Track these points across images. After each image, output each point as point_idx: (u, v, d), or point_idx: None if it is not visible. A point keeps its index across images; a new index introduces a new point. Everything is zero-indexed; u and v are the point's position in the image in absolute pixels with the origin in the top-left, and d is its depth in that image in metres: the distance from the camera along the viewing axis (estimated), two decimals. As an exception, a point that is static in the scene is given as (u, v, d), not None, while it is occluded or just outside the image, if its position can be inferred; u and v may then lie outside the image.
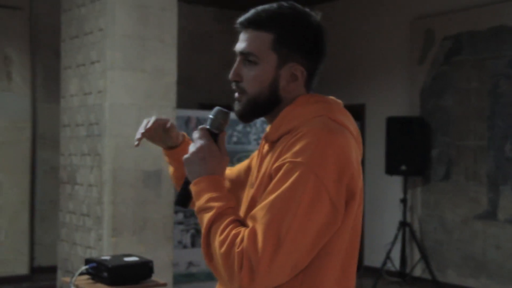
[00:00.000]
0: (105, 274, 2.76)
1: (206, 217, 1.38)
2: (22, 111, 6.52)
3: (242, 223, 1.37)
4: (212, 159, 1.45)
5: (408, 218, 6.65)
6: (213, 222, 1.36)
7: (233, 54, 1.50)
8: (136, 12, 4.71)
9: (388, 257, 6.48)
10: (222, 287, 1.47)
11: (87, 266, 2.84)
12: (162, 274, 4.63)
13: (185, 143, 1.74)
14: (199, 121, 5.78)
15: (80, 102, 4.99)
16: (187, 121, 5.67)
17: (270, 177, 1.38)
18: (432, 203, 6.55)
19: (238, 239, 1.30)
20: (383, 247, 6.70)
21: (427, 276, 6.42)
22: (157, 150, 4.77)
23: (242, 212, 1.50)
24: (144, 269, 2.91)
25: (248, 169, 1.67)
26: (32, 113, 6.63)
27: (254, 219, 1.32)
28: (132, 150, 4.69)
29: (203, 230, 1.38)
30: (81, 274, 2.84)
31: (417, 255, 6.60)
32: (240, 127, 5.99)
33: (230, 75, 1.49)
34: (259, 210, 1.32)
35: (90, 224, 4.80)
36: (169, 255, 4.83)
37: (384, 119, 6.73)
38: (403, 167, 6.42)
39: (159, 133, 1.69)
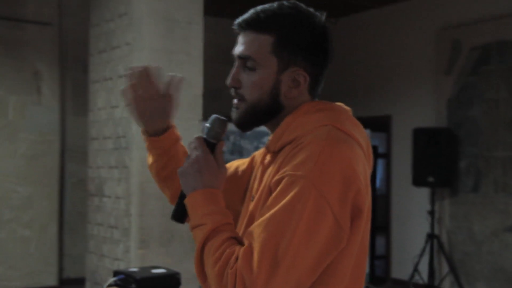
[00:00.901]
0: (133, 286, 2.78)
1: (200, 233, 1.28)
2: (51, 124, 6.62)
3: (238, 240, 1.27)
4: (208, 171, 1.34)
5: (436, 230, 6.57)
6: (207, 239, 1.27)
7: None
8: (163, 26, 4.76)
9: (416, 269, 6.41)
10: None
11: (115, 278, 2.86)
12: (189, 286, 4.64)
13: (172, 131, 1.57)
14: (225, 133, 5.80)
15: (108, 115, 5.05)
16: (213, 133, 5.71)
17: (270, 191, 1.28)
18: (460, 215, 6.47)
19: (233, 258, 1.21)
20: (411, 260, 6.62)
21: (456, 289, 6.34)
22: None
23: (240, 228, 1.41)
24: (172, 281, 2.92)
25: (248, 170, 1.56)
26: (60, 126, 6.73)
27: (250, 236, 1.22)
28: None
29: (196, 248, 1.29)
30: (109, 285, 2.86)
31: (445, 268, 6.51)
32: (265, 138, 6.00)
33: (228, 81, 1.39)
34: (256, 227, 1.22)
35: (118, 236, 4.84)
36: (196, 267, 4.85)
37: (410, 130, 6.68)
38: (431, 179, 6.35)
39: (155, 105, 1.50)
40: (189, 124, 4.79)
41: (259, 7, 1.36)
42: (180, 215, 1.41)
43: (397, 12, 7.30)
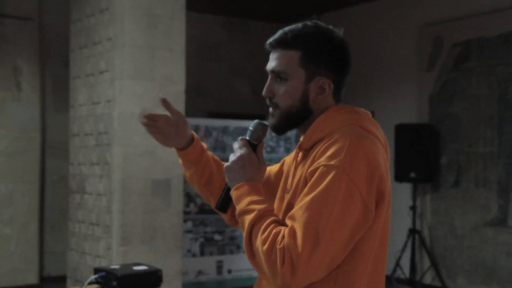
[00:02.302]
0: (114, 283, 2.76)
1: (248, 218, 1.49)
2: (31, 121, 6.56)
3: (281, 223, 1.47)
4: (251, 167, 1.58)
5: (418, 225, 6.62)
6: (254, 222, 1.47)
7: (242, 61, 1.55)
8: (145, 21, 4.73)
9: (397, 264, 6.45)
10: (261, 283, 1.58)
11: (96, 275, 2.84)
12: (171, 283, 4.63)
13: (197, 142, 1.80)
14: (208, 130, 5.78)
15: (89, 112, 5.02)
16: (195, 129, 5.68)
17: (306, 181, 1.48)
18: (442, 210, 6.52)
19: (279, 237, 1.41)
20: (393, 255, 6.67)
21: (437, 283, 6.39)
22: (166, 159, 4.78)
23: (279, 216, 1.59)
24: (153, 278, 2.90)
25: (279, 172, 1.78)
26: (41, 123, 6.66)
27: (293, 218, 1.43)
28: (141, 159, 4.70)
29: (245, 231, 1.49)
30: (90, 283, 2.84)
31: (427, 263, 6.56)
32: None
33: (264, 92, 1.61)
34: (298, 210, 1.42)
35: (99, 233, 4.81)
36: (178, 264, 4.83)
37: (392, 126, 6.71)
38: (412, 174, 6.39)
39: (170, 129, 1.74)
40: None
41: (286, 28, 1.60)
42: (225, 205, 1.65)
43: (378, 8, 7.33)
